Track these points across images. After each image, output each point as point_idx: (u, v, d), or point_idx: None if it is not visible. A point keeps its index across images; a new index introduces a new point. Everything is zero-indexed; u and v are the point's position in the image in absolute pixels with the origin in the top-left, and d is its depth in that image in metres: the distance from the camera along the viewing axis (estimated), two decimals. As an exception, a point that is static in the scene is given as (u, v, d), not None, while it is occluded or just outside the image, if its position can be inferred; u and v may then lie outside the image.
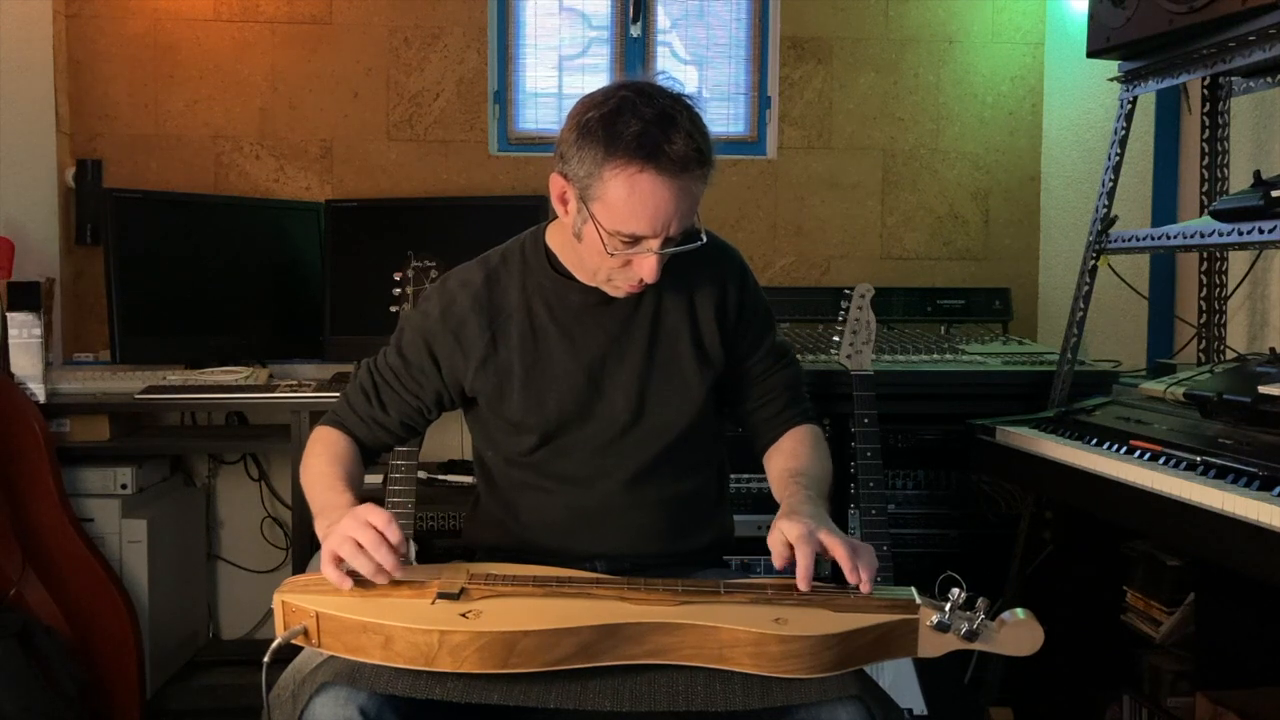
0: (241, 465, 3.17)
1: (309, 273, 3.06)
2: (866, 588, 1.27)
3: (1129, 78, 2.26)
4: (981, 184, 3.35)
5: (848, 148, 3.31)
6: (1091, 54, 2.25)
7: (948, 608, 1.22)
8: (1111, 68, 2.30)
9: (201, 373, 2.79)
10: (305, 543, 2.57)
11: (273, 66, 3.19)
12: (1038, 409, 2.32)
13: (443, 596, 1.26)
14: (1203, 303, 2.43)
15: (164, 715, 2.73)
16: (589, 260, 1.46)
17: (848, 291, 2.31)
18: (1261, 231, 1.81)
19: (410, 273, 1.99)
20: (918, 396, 2.47)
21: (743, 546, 1.80)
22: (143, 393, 2.62)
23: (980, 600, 1.23)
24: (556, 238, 1.56)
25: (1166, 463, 1.76)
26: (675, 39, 3.36)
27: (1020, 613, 1.24)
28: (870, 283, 2.33)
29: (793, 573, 1.29)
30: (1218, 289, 2.42)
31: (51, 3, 3.01)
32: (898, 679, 2.06)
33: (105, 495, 2.67)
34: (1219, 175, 2.40)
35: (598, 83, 1.43)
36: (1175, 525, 1.67)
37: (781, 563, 1.31)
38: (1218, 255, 2.42)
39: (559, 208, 1.46)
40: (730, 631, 1.20)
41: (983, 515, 2.58)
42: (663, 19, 3.34)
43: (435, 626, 1.18)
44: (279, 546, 3.18)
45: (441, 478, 2.81)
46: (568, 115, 1.42)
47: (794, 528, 1.30)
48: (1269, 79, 2.27)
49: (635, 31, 3.29)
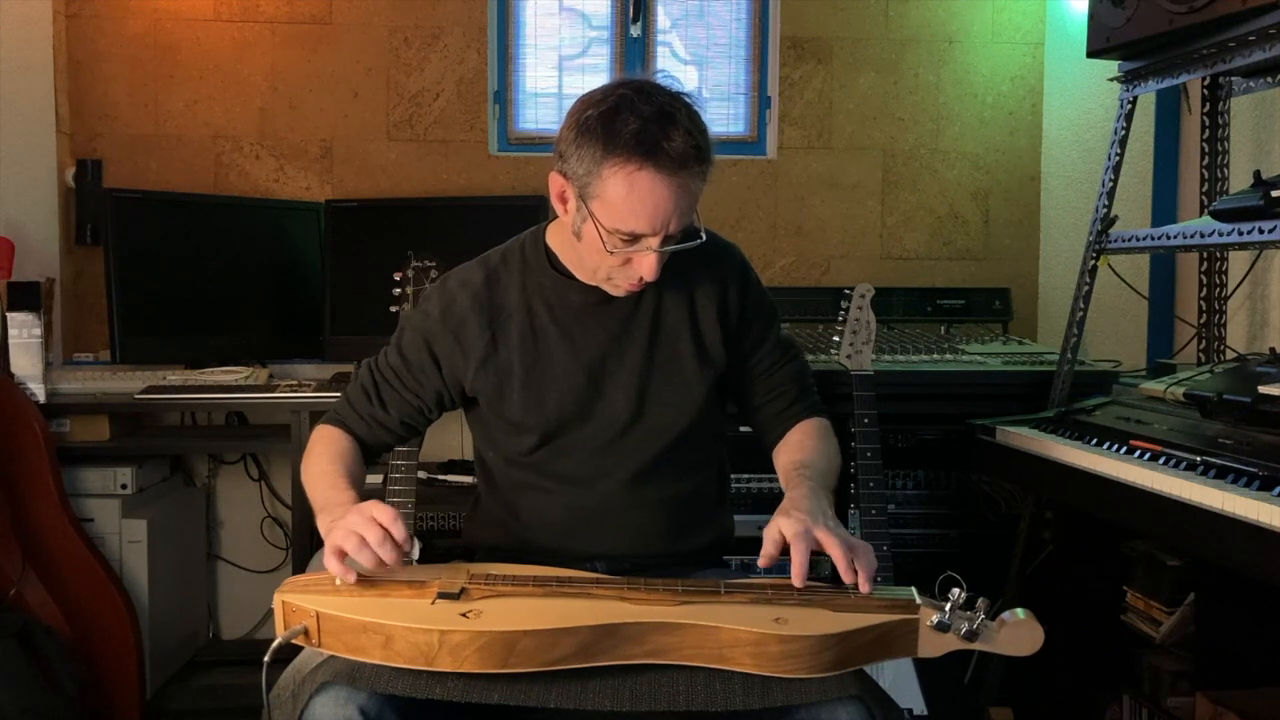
0: (241, 465, 3.17)
1: (309, 273, 3.06)
2: (866, 588, 1.27)
3: (1129, 78, 2.26)
4: (981, 184, 3.35)
5: (848, 148, 3.31)
6: (1091, 54, 2.25)
7: (948, 608, 1.22)
8: (1111, 68, 2.30)
9: (201, 373, 2.79)
10: (305, 543, 2.57)
11: (273, 66, 3.19)
12: (1038, 409, 2.33)
13: (443, 596, 1.26)
14: (1203, 303, 2.43)
15: (164, 715, 2.73)
16: (589, 259, 1.46)
17: (848, 291, 2.31)
18: (1261, 231, 1.81)
19: (410, 273, 1.99)
20: (918, 396, 2.47)
21: (743, 546, 1.80)
22: (143, 393, 2.62)
23: (980, 600, 1.23)
24: (556, 237, 1.56)
25: (1166, 463, 1.76)
26: (675, 39, 3.36)
27: (1020, 613, 1.24)
28: (870, 283, 2.33)
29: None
30: (1218, 289, 2.42)
31: (51, 3, 3.01)
32: (898, 679, 2.06)
33: (105, 495, 2.67)
34: (1219, 175, 2.40)
35: (598, 83, 1.43)
36: (1175, 525, 1.67)
37: (765, 562, 1.30)
38: (1218, 255, 2.42)
39: (558, 206, 1.46)
40: (730, 631, 1.20)
41: (983, 515, 2.58)
42: (663, 19, 3.34)
43: (435, 626, 1.18)
44: (279, 546, 3.18)
45: (441, 478, 2.81)
46: (567, 114, 1.41)
47: (791, 524, 1.29)
48: (1269, 79, 2.27)
49: (635, 31, 3.29)
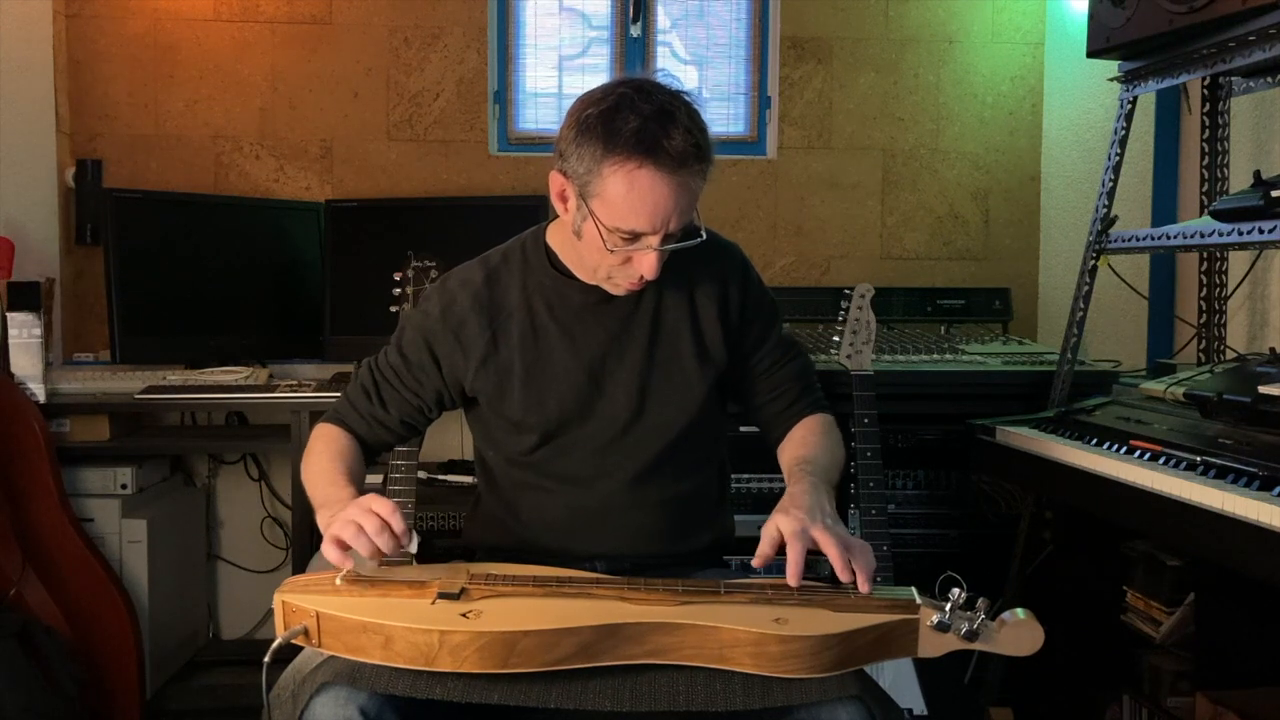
0: (241, 465, 3.17)
1: (309, 273, 3.06)
2: (866, 588, 1.27)
3: (1129, 78, 2.26)
4: (981, 184, 3.35)
5: (848, 148, 3.31)
6: (1091, 54, 2.25)
7: (948, 608, 1.22)
8: (1111, 68, 2.30)
9: (201, 373, 2.78)
10: (305, 543, 2.57)
11: (273, 66, 3.19)
12: (1038, 409, 2.32)
13: (443, 596, 1.26)
14: (1203, 303, 2.43)
15: (164, 715, 2.73)
16: (589, 258, 1.46)
17: (848, 291, 2.31)
18: (1261, 231, 1.81)
19: (410, 273, 1.99)
20: (918, 396, 2.47)
21: (743, 546, 1.79)
22: (143, 393, 2.62)
23: (980, 600, 1.23)
24: (557, 236, 1.56)
25: (1166, 463, 1.76)
26: (675, 39, 3.36)
27: (1020, 613, 1.24)
28: (870, 283, 2.33)
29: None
30: (1218, 289, 2.42)
31: (51, 3, 3.01)
32: (898, 679, 2.06)
33: (105, 495, 2.67)
34: (1219, 175, 2.40)
35: (598, 83, 1.43)
36: (1175, 525, 1.67)
37: (759, 562, 1.30)
38: (1218, 255, 2.42)
39: (559, 206, 1.46)
40: (730, 631, 1.20)
41: (983, 515, 2.58)
42: (663, 19, 3.34)
43: (435, 626, 1.18)
44: (279, 546, 3.18)
45: (441, 478, 2.81)
46: (567, 113, 1.41)
47: (788, 523, 1.29)
48: (1269, 79, 2.27)
49: (635, 31, 3.29)
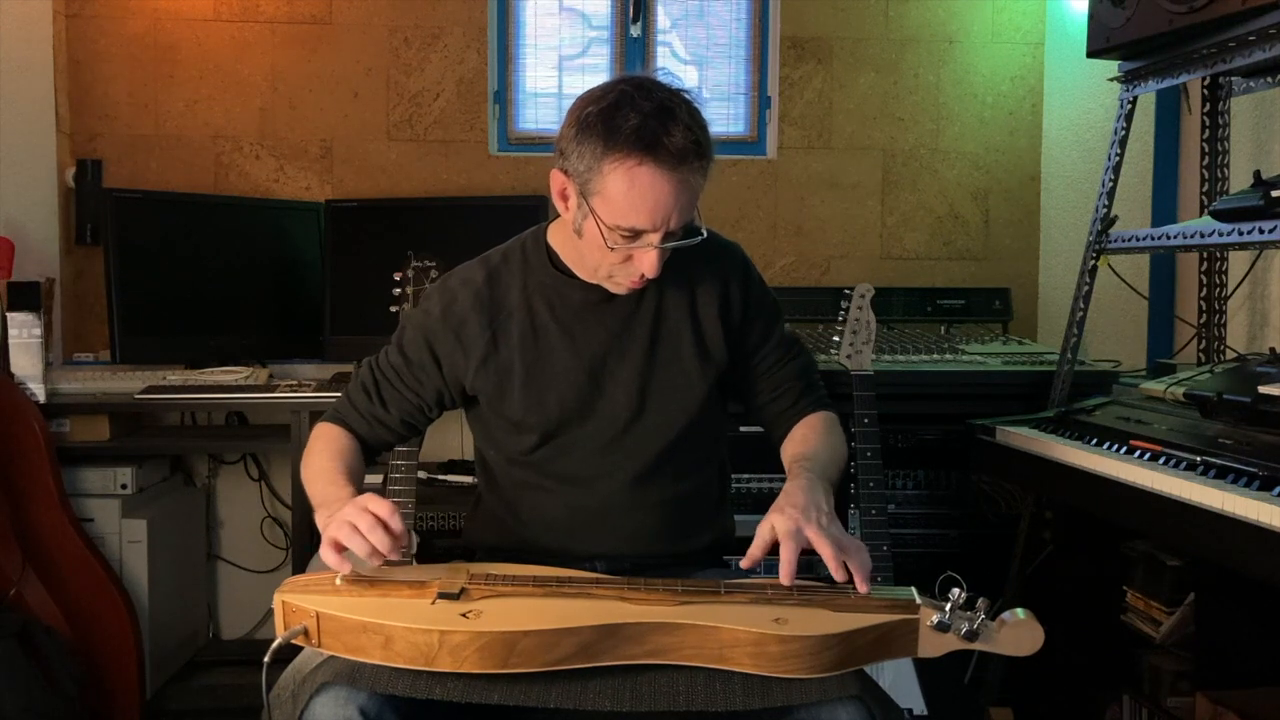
0: (241, 465, 3.17)
1: (309, 273, 3.06)
2: (864, 588, 1.27)
3: (1129, 78, 2.26)
4: (981, 184, 3.35)
5: (848, 148, 3.31)
6: (1091, 54, 2.25)
7: (948, 608, 1.22)
8: (1111, 68, 2.30)
9: (201, 373, 2.78)
10: (305, 543, 2.57)
11: (273, 66, 3.18)
12: (1038, 409, 2.32)
13: (443, 596, 1.26)
14: (1203, 303, 2.43)
15: (164, 715, 2.73)
16: (590, 256, 1.46)
17: (848, 291, 2.31)
18: (1261, 231, 1.80)
19: (410, 273, 2.00)
20: (918, 396, 2.47)
21: (743, 546, 1.78)
22: (143, 393, 2.62)
23: (980, 600, 1.23)
24: (558, 236, 1.56)
25: (1166, 463, 1.76)
26: (675, 39, 3.36)
27: (1020, 613, 1.24)
28: (870, 283, 2.33)
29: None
30: (1218, 289, 2.42)
31: (51, 3, 3.01)
32: (898, 679, 2.06)
33: (105, 495, 2.67)
34: (1219, 175, 2.40)
35: (598, 83, 1.43)
36: (1175, 525, 1.67)
37: (747, 563, 1.30)
38: (1218, 255, 2.42)
39: (559, 204, 1.46)
40: (730, 631, 1.20)
41: (983, 515, 2.58)
42: (663, 19, 3.34)
43: (435, 626, 1.18)
44: (279, 546, 3.18)
45: (441, 478, 2.81)
46: (568, 111, 1.42)
47: (783, 522, 1.29)
48: (1269, 79, 2.27)
49: (635, 31, 3.29)
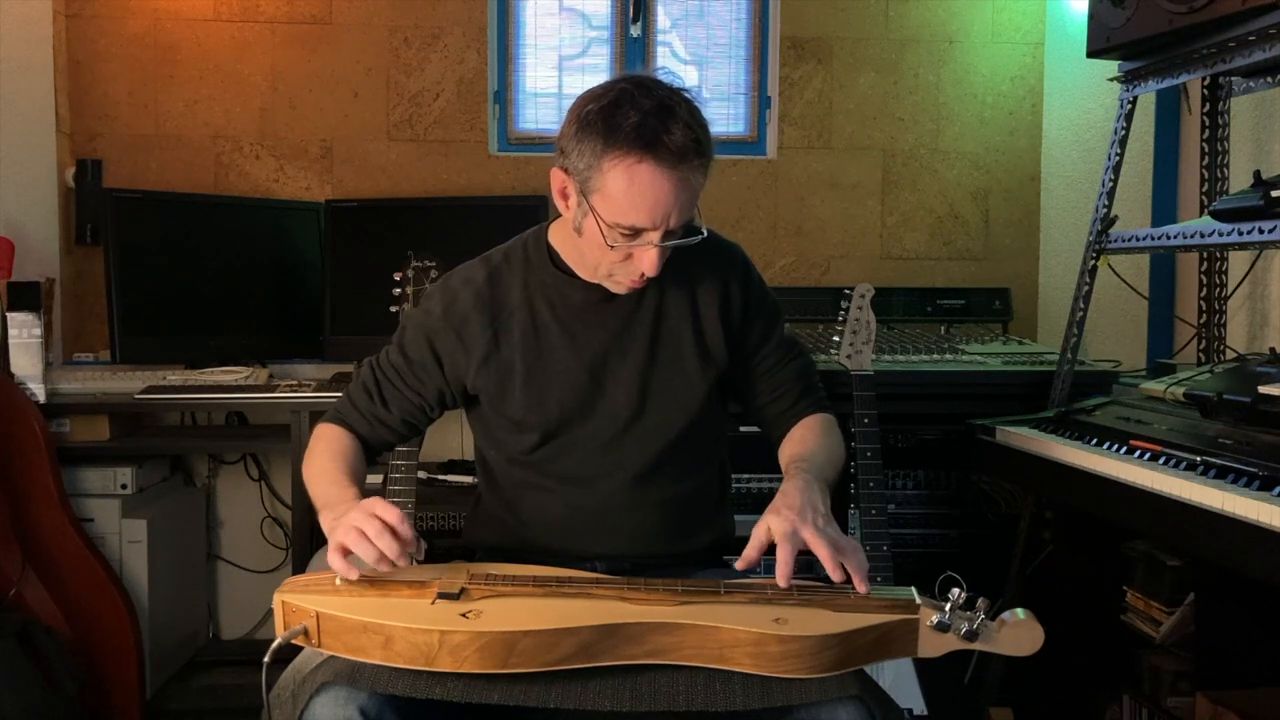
0: (241, 465, 3.17)
1: (309, 273, 3.06)
2: (863, 588, 1.27)
3: (1129, 78, 2.26)
4: (981, 184, 3.35)
5: (848, 148, 3.31)
6: (1091, 54, 2.25)
7: (948, 608, 1.22)
8: (1111, 68, 2.30)
9: (201, 373, 2.78)
10: (305, 543, 2.57)
11: (273, 66, 3.19)
12: (1038, 409, 2.32)
13: (443, 596, 1.26)
14: (1203, 303, 2.43)
15: (164, 715, 2.73)
16: (590, 255, 1.46)
17: (848, 291, 2.31)
18: (1261, 231, 1.81)
19: (410, 273, 2.00)
20: (918, 396, 2.47)
21: (743, 546, 1.79)
22: (143, 393, 2.62)
23: (980, 600, 1.23)
24: (558, 235, 1.56)
25: (1166, 463, 1.76)
26: (675, 39, 3.36)
27: (1020, 613, 1.24)
28: (870, 283, 2.33)
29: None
30: (1218, 289, 2.42)
31: (51, 3, 3.01)
32: (898, 679, 2.06)
33: (105, 495, 2.67)
34: (1219, 175, 2.40)
35: (598, 83, 1.43)
36: (1175, 525, 1.67)
37: (743, 565, 1.31)
38: (1218, 255, 2.42)
39: (560, 202, 1.46)
40: (730, 631, 1.20)
41: (983, 515, 2.58)
42: (663, 19, 3.34)
43: (435, 626, 1.18)
44: (279, 546, 3.18)
45: (441, 478, 2.81)
46: (568, 110, 1.42)
47: (779, 523, 1.30)
48: (1269, 79, 2.27)
49: (635, 31, 3.29)
